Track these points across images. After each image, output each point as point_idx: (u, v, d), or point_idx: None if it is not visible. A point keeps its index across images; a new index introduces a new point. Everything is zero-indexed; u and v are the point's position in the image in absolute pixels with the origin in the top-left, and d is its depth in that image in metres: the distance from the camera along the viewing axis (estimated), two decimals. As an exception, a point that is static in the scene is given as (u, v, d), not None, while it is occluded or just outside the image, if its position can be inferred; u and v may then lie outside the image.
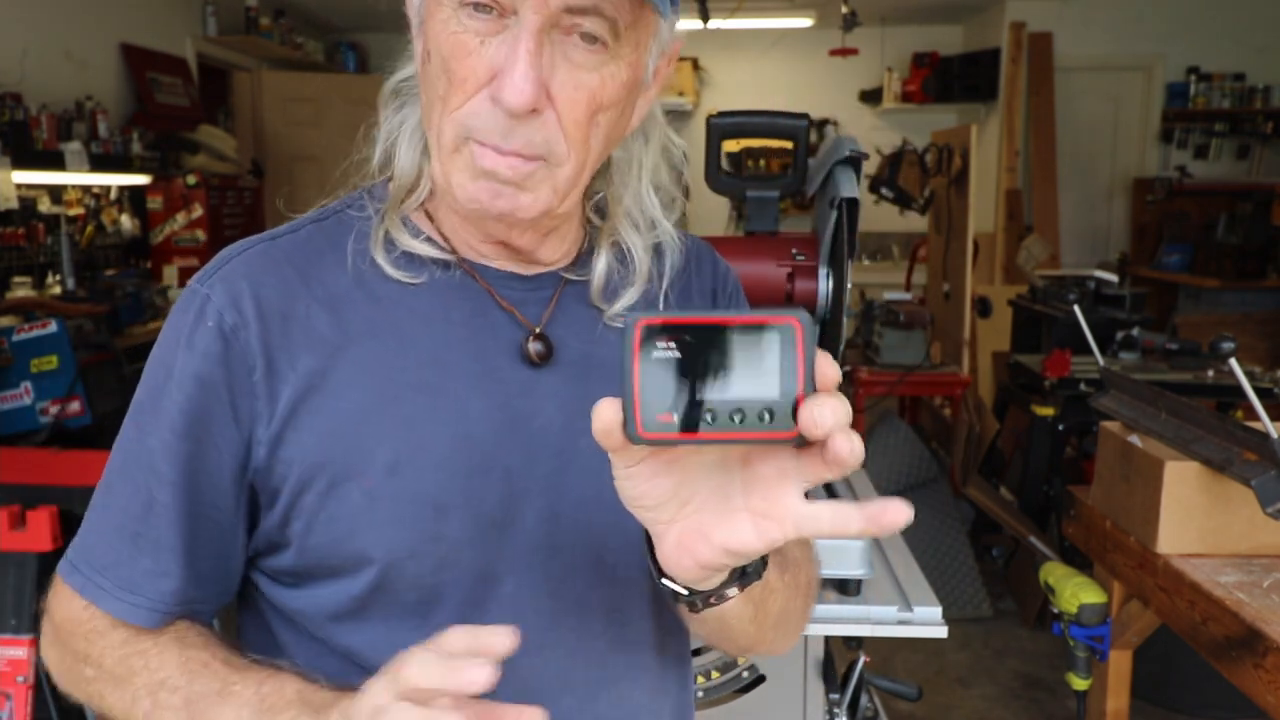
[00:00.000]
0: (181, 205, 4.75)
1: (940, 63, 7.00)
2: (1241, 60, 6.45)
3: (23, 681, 2.12)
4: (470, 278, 0.79)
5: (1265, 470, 1.56)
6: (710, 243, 0.97)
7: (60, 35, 4.20)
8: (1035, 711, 2.93)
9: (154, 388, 0.75)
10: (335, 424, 0.73)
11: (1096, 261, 5.93)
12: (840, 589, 1.47)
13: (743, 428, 0.51)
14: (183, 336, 0.74)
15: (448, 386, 0.75)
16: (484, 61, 0.69)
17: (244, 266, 0.76)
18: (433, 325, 0.77)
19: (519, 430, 0.77)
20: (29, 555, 2.15)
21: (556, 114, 0.70)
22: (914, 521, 0.53)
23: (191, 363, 0.73)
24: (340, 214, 0.81)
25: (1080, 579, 2.04)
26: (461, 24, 0.69)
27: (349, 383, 0.74)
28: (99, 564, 0.76)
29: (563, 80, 0.69)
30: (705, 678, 1.50)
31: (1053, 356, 3.22)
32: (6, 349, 2.95)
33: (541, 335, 0.79)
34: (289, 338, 0.74)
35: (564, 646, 0.77)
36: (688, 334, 0.51)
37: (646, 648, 0.82)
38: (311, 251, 0.78)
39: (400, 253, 0.78)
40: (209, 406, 0.73)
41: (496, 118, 0.69)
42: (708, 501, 0.59)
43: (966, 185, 3.83)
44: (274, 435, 0.73)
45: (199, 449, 0.73)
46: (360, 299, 0.76)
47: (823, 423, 0.51)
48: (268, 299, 0.74)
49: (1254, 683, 1.49)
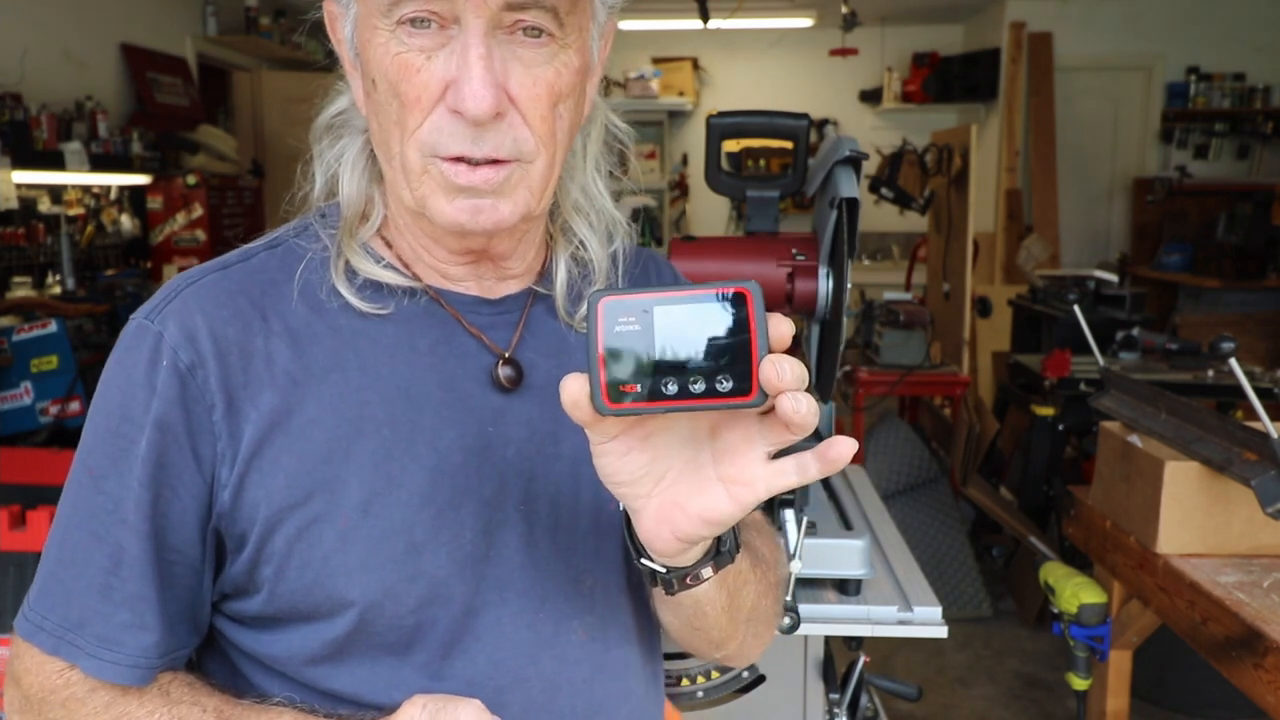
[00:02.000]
0: (181, 205, 4.75)
1: (940, 63, 7.00)
2: (1241, 60, 6.45)
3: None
4: (436, 304, 0.77)
5: (1265, 470, 1.56)
6: (710, 243, 0.97)
7: (60, 35, 4.20)
8: (1035, 711, 2.93)
9: (108, 431, 0.71)
10: (302, 463, 0.70)
11: (1096, 261, 5.93)
12: (840, 589, 1.47)
13: (704, 394, 0.54)
14: (137, 377, 0.70)
15: (418, 419, 0.73)
16: (434, 77, 0.67)
17: (196, 300, 0.72)
18: (398, 355, 0.74)
19: (492, 459, 0.75)
20: (29, 555, 2.15)
21: (520, 113, 0.69)
22: (914, 522, 0.54)
23: (149, 405, 0.69)
24: (293, 240, 0.78)
25: (1080, 579, 2.04)
26: (403, 43, 0.67)
27: (315, 420, 0.71)
28: (70, 621, 0.70)
29: (519, 79, 0.68)
30: (705, 677, 1.50)
31: (1053, 356, 3.22)
32: (6, 349, 2.96)
33: (511, 360, 0.77)
34: (249, 374, 0.70)
35: (544, 678, 0.76)
36: (646, 308, 0.54)
37: (627, 669, 0.81)
38: (266, 282, 0.74)
39: (363, 281, 0.76)
40: (169, 451, 0.69)
41: (459, 128, 0.68)
42: (682, 474, 0.61)
43: (966, 185, 3.83)
44: (238, 477, 0.70)
45: (163, 495, 0.70)
46: (322, 331, 0.74)
47: (783, 377, 0.53)
48: (224, 335, 0.71)
49: (1254, 683, 1.49)
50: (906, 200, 4.11)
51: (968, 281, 3.91)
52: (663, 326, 0.54)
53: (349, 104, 0.79)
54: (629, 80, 6.89)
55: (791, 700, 1.54)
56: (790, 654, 1.53)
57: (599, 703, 0.78)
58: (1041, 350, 3.69)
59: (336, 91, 0.81)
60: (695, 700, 1.49)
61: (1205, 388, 2.99)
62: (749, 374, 0.54)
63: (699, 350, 0.54)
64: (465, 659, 0.73)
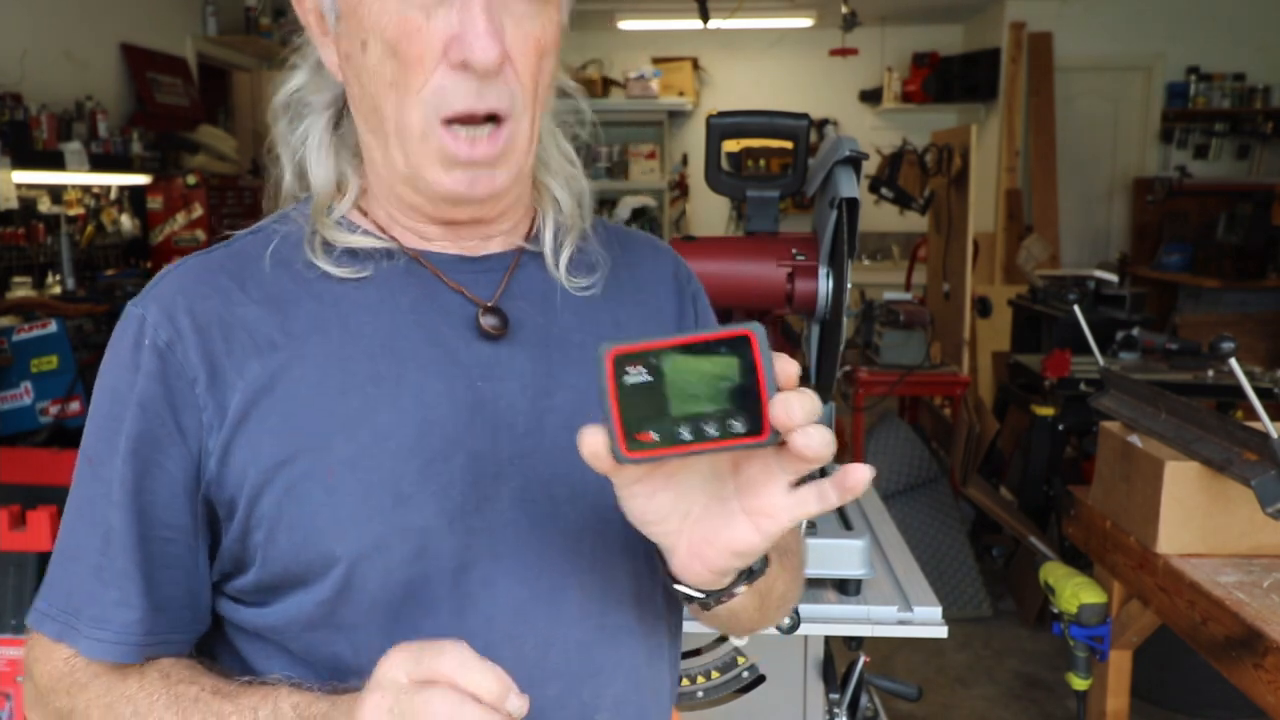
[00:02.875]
0: (181, 205, 4.75)
1: (940, 63, 7.00)
2: (1241, 60, 6.45)
3: (23, 681, 2.12)
4: (415, 263, 0.78)
5: (1265, 470, 1.56)
6: (710, 243, 0.97)
7: (60, 35, 4.20)
8: (1035, 711, 2.93)
9: (101, 417, 0.74)
10: (287, 423, 0.71)
11: (1096, 261, 5.93)
12: (840, 589, 1.47)
13: (717, 437, 0.56)
14: (124, 360, 0.73)
15: (403, 374, 0.73)
16: (435, 34, 0.68)
17: (177, 282, 0.75)
18: (380, 314, 0.75)
19: (483, 411, 0.75)
20: (29, 555, 2.15)
21: (514, 67, 0.70)
22: (914, 521, 0.56)
23: (133, 385, 0.72)
24: (272, 225, 0.80)
25: (1080, 579, 2.04)
26: (405, 2, 0.68)
27: (299, 380, 0.72)
28: (70, 606, 0.73)
29: (512, 34, 0.69)
30: (705, 677, 1.50)
31: (1053, 356, 3.22)
32: (6, 349, 2.95)
33: (494, 309, 0.77)
34: (232, 344, 0.72)
35: (538, 634, 0.75)
36: (654, 357, 0.56)
37: (627, 635, 0.79)
38: (246, 259, 0.77)
39: (340, 251, 0.77)
40: (152, 427, 0.71)
41: (465, 85, 0.68)
42: (708, 509, 0.63)
43: (966, 185, 3.83)
44: (225, 442, 0.71)
45: (146, 470, 0.71)
46: (302, 296, 0.75)
47: (792, 416, 0.55)
48: (203, 310, 0.73)
49: (1254, 683, 1.49)
50: (906, 200, 4.11)
51: (968, 281, 3.91)
52: (672, 375, 0.56)
53: (305, 79, 0.80)
54: (629, 80, 6.88)
55: (791, 700, 1.54)
56: (790, 654, 1.53)
57: (596, 667, 0.77)
58: (1041, 350, 3.69)
59: (290, 67, 0.82)
60: (695, 700, 1.49)
61: (1205, 388, 2.99)
62: (759, 414, 0.56)
63: (709, 395, 0.56)
64: (457, 618, 0.72)
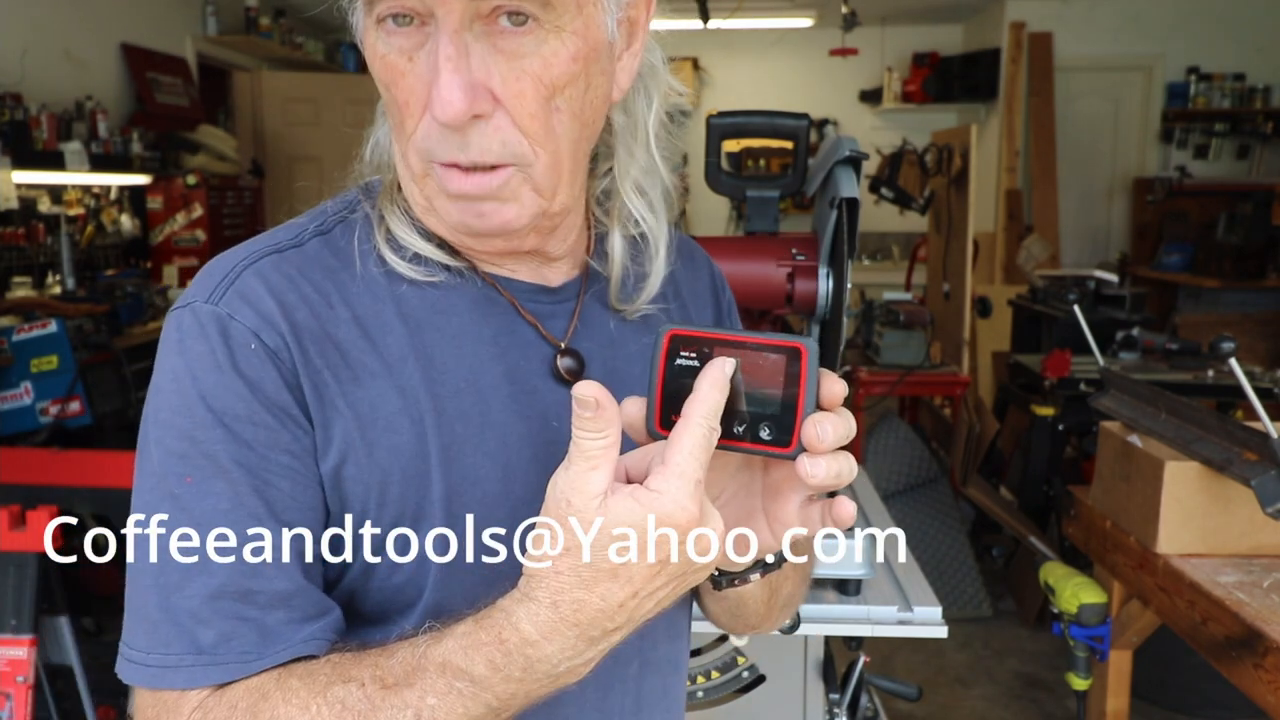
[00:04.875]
0: (181, 205, 4.75)
1: (940, 63, 7.00)
2: (1241, 60, 6.45)
3: (23, 681, 2.12)
4: (493, 289, 0.74)
5: (1265, 470, 1.56)
6: (710, 243, 0.97)
7: (60, 35, 4.20)
8: (1035, 711, 2.92)
9: (200, 427, 0.64)
10: (387, 462, 0.67)
11: (1096, 261, 5.94)
12: (840, 589, 1.47)
13: (745, 438, 0.57)
14: (221, 363, 0.64)
15: (487, 413, 0.71)
16: (419, 80, 0.64)
17: (260, 282, 0.67)
18: (463, 345, 0.72)
19: (558, 455, 0.70)
20: (29, 555, 2.14)
21: (508, 113, 0.64)
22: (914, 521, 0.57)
23: (250, 393, 0.64)
24: (342, 221, 0.74)
25: (1080, 579, 2.04)
26: (387, 44, 0.64)
27: (399, 412, 0.68)
28: (198, 646, 0.62)
29: (503, 74, 0.63)
30: (705, 677, 1.50)
31: (1053, 356, 3.22)
32: (6, 349, 2.96)
33: (571, 350, 0.75)
34: (328, 361, 0.67)
35: (597, 676, 0.71)
36: (708, 347, 0.57)
37: (669, 667, 0.82)
38: (324, 268, 0.71)
39: (412, 254, 0.72)
40: (290, 435, 0.65)
41: (447, 135, 0.64)
42: (735, 497, 0.65)
43: (966, 185, 3.83)
44: (332, 471, 0.67)
45: (290, 480, 0.66)
46: (390, 318, 0.70)
47: (823, 439, 0.55)
48: (296, 319, 0.67)
49: (1254, 683, 1.49)
50: (906, 200, 4.11)
51: (968, 281, 3.91)
52: None
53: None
54: (629, 80, 6.88)
55: (791, 700, 1.54)
56: (790, 654, 1.54)
57: (643, 700, 0.79)
58: (1041, 350, 3.69)
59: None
60: (695, 700, 1.49)
61: (1205, 388, 2.99)
62: (791, 428, 0.56)
63: (749, 396, 0.57)
64: None
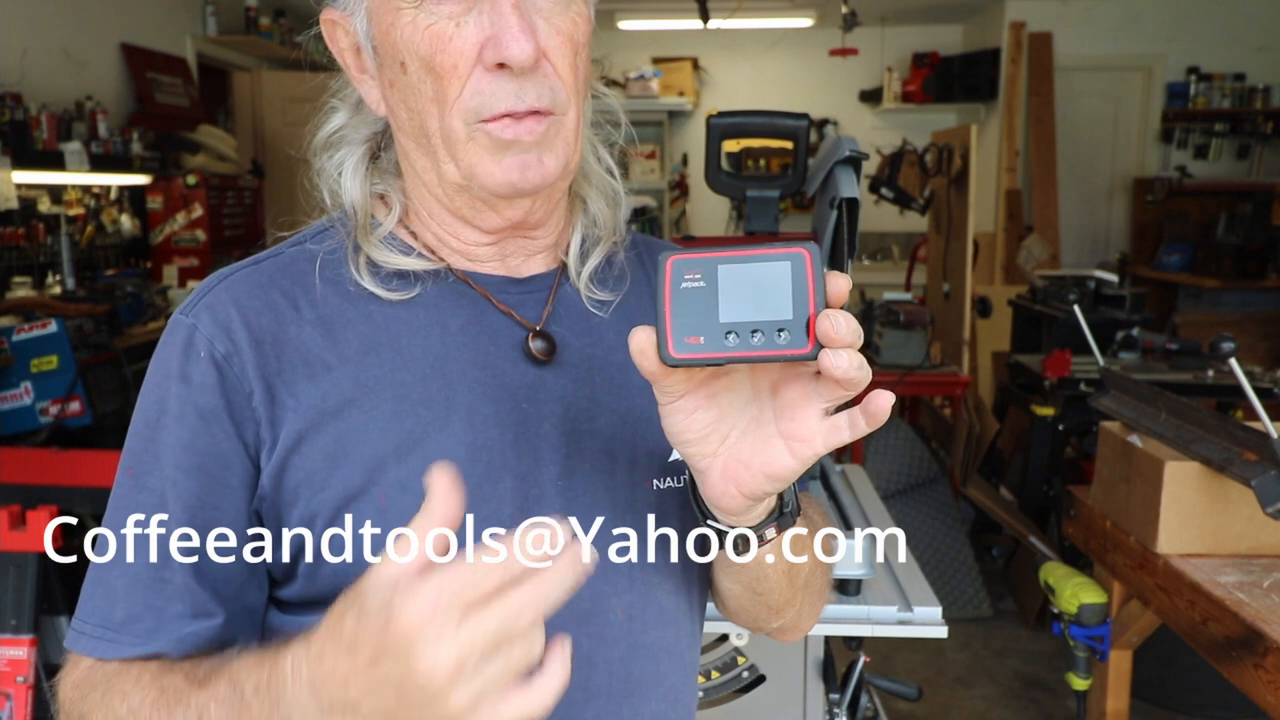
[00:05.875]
0: (181, 205, 4.75)
1: (940, 63, 7.00)
2: (1241, 60, 6.44)
3: (23, 681, 2.12)
4: (464, 284, 0.79)
5: (1265, 470, 1.56)
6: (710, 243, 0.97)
7: (60, 35, 4.20)
8: (1035, 711, 2.93)
9: (145, 428, 0.73)
10: (343, 446, 0.71)
11: (1096, 261, 5.93)
12: (840, 589, 1.47)
13: (763, 346, 0.58)
14: (173, 371, 0.72)
15: (453, 397, 0.74)
16: (467, 41, 0.69)
17: (228, 293, 0.74)
18: (430, 336, 0.76)
19: (526, 434, 0.76)
20: (29, 555, 2.15)
21: (551, 64, 0.71)
22: (914, 521, 0.55)
23: (189, 396, 0.71)
24: (319, 234, 0.81)
25: (1080, 579, 2.04)
26: (431, 14, 0.69)
27: (351, 403, 0.72)
28: (112, 621, 0.71)
29: (544, 30, 0.70)
30: (705, 678, 1.50)
31: (1053, 356, 3.22)
32: (6, 349, 2.96)
33: (542, 332, 0.79)
34: (284, 362, 0.72)
35: (580, 655, 0.73)
36: (711, 266, 0.59)
37: (664, 653, 0.81)
38: (296, 274, 0.77)
39: (388, 272, 0.77)
40: (215, 439, 0.71)
41: (503, 85, 0.69)
42: (746, 431, 0.64)
43: (966, 185, 3.83)
44: (279, 464, 0.71)
45: (213, 487, 0.71)
46: (354, 317, 0.76)
47: (838, 330, 0.55)
48: (258, 324, 0.73)
49: (1254, 683, 1.49)
50: (906, 200, 4.11)
51: (968, 281, 3.91)
52: (726, 283, 0.58)
53: (345, 119, 0.82)
54: (629, 80, 6.88)
55: (791, 700, 1.54)
56: (790, 654, 1.54)
57: (634, 683, 0.78)
58: (1041, 350, 3.69)
59: (330, 109, 0.83)
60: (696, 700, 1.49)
61: (1205, 388, 2.99)
62: (806, 328, 0.57)
63: (760, 306, 0.58)
64: None
